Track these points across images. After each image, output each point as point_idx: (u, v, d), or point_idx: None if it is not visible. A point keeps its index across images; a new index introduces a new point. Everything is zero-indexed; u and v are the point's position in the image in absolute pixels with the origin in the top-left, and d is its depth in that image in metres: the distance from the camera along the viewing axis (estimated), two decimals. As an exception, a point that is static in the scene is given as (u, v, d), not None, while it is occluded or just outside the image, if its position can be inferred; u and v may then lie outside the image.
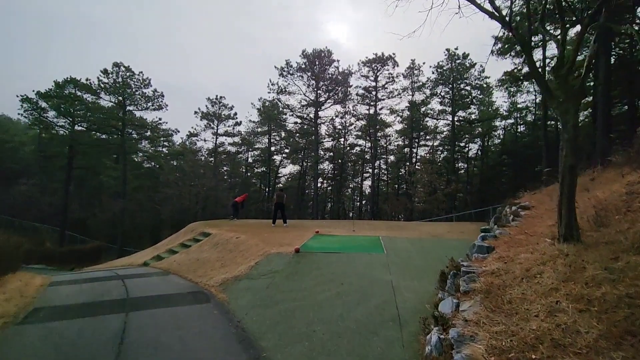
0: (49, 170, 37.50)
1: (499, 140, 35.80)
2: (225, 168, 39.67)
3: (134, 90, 29.04)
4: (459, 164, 35.56)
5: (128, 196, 30.08)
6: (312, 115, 32.38)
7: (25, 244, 32.95)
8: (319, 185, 37.83)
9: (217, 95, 35.24)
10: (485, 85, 29.20)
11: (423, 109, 32.94)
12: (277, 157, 42.72)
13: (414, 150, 36.58)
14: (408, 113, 34.19)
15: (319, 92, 30.84)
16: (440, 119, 32.56)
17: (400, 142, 38.85)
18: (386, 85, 31.62)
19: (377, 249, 9.17)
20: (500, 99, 55.18)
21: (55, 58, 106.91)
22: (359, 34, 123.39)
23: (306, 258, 8.22)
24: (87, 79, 28.30)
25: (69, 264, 24.49)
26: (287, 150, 40.67)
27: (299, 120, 34.08)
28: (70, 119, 31.52)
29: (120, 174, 30.18)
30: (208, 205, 30.16)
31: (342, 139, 38.89)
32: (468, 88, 28.99)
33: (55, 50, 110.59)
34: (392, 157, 42.02)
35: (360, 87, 31.78)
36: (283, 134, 40.80)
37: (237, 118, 35.86)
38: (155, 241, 23.95)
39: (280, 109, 33.10)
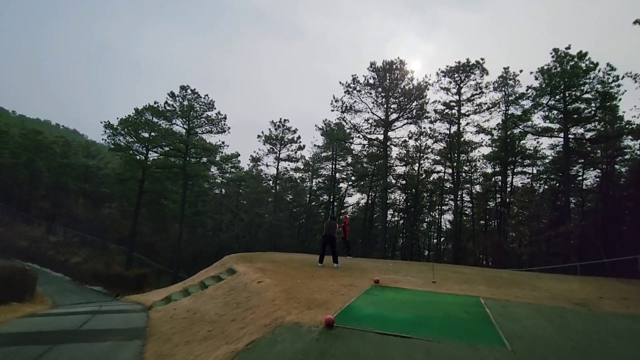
0: (127, 195, 39.36)
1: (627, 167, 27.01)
2: (289, 196, 37.41)
3: (199, 112, 28.97)
4: (570, 197, 27.48)
5: (187, 221, 29.18)
6: (381, 137, 28.46)
7: (97, 265, 34.35)
8: (388, 217, 32.97)
9: (280, 119, 33.89)
10: (613, 93, 21.98)
11: (520, 127, 26.60)
12: (343, 185, 39.23)
13: (508, 179, 29.76)
14: (500, 132, 28.07)
15: (389, 109, 26.99)
16: (543, 136, 25.78)
17: (489, 169, 32.31)
18: (472, 98, 26.33)
19: (486, 332, 4.71)
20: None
21: (142, 95, 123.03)
22: (431, 65, 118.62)
23: (341, 344, 4.14)
24: (155, 102, 29.01)
25: (119, 288, 23.58)
26: (353, 177, 36.99)
27: (365, 143, 30.37)
28: (145, 144, 32.63)
29: (180, 197, 29.71)
30: (263, 235, 27.56)
31: (417, 165, 33.85)
32: (588, 96, 22.17)
33: (144, 89, 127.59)
34: (477, 187, 35.31)
35: (439, 101, 27.12)
36: (349, 159, 37.37)
37: (300, 142, 33.76)
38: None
39: (346, 129, 29.89)
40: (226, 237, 24.11)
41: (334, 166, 37.03)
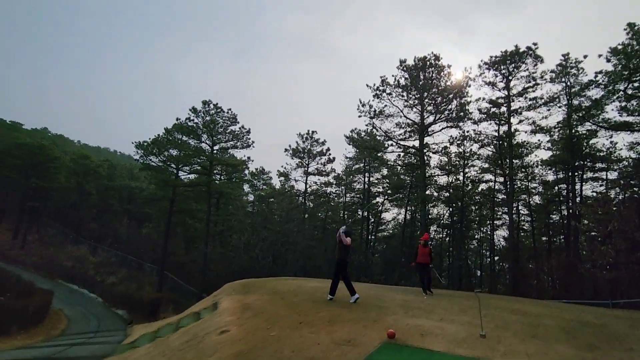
0: (161, 215, 39.45)
1: None
2: (322, 213, 35.03)
3: (222, 127, 28.12)
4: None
5: (212, 241, 27.92)
6: (416, 144, 25.34)
7: (130, 286, 34.21)
8: (431, 234, 29.20)
9: (308, 130, 32.03)
10: None
11: (589, 123, 22.08)
12: (379, 199, 36.09)
13: (577, 187, 24.94)
14: (562, 131, 23.65)
15: (425, 111, 23.89)
16: (620, 132, 21.03)
17: (550, 176, 27.60)
18: (525, 92, 22.37)
19: None
20: None
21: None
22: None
23: None
24: (177, 119, 28.59)
25: (137, 313, 22.47)
26: (389, 191, 33.82)
27: (400, 151, 27.31)
28: (175, 163, 32.42)
29: (206, 216, 28.68)
30: (292, 256, 25.29)
31: (461, 174, 29.93)
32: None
33: (182, 112, 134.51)
34: (537, 198, 30.41)
35: (483, 98, 23.47)
36: (385, 172, 34.33)
37: (329, 154, 31.52)
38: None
39: (377, 137, 27.16)
40: (246, 258, 22.24)
41: (367, 179, 34.17)
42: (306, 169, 32.31)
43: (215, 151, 29.78)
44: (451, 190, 30.99)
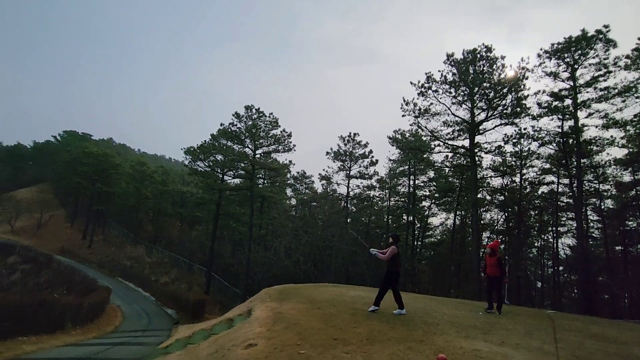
0: (209, 218, 40.93)
1: None
2: (365, 217, 34.14)
3: (265, 131, 28.46)
4: None
5: (255, 244, 28.23)
6: (466, 143, 23.52)
7: (181, 286, 35.74)
8: (484, 241, 26.98)
9: (350, 133, 31.35)
10: None
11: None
12: (425, 203, 34.30)
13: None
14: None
15: (475, 108, 22.06)
16: None
17: (626, 177, 24.22)
18: (594, 82, 19.69)
19: None
20: None
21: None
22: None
23: None
24: (221, 124, 29.42)
25: (184, 313, 23.17)
26: (436, 195, 31.96)
27: (448, 151, 25.55)
28: (220, 168, 33.47)
29: (248, 219, 29.11)
30: (334, 262, 24.68)
31: (518, 175, 27.35)
32: None
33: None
34: (609, 201, 26.90)
35: (543, 91, 21.04)
36: (431, 174, 32.56)
37: (372, 156, 30.52)
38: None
39: (423, 137, 25.68)
40: (288, 262, 21.99)
41: (412, 182, 32.60)
42: (348, 172, 31.64)
43: (257, 155, 30.24)
44: (506, 194, 28.47)
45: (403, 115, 22.76)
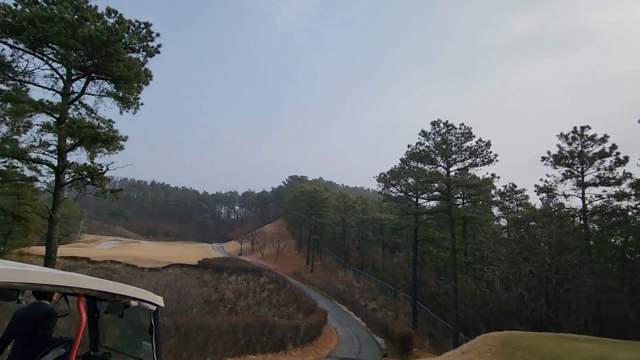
0: (408, 243, 40.07)
1: None
2: (613, 239, 24.58)
3: (456, 145, 25.51)
4: None
5: (462, 273, 24.85)
6: None
7: (388, 313, 35.68)
8: None
9: (575, 127, 23.75)
10: None
11: None
12: None
13: None
14: None
15: None
16: None
17: None
18: None
19: None
20: None
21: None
22: None
23: None
24: (408, 145, 28.49)
25: (393, 344, 22.27)
26: None
27: None
28: (413, 191, 32.62)
29: (450, 244, 26.08)
30: (575, 298, 18.30)
31: None
32: None
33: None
34: None
35: None
36: None
37: (617, 152, 21.72)
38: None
39: None
40: (506, 297, 17.61)
41: None
42: (580, 178, 23.82)
43: (452, 173, 27.44)
44: None
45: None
